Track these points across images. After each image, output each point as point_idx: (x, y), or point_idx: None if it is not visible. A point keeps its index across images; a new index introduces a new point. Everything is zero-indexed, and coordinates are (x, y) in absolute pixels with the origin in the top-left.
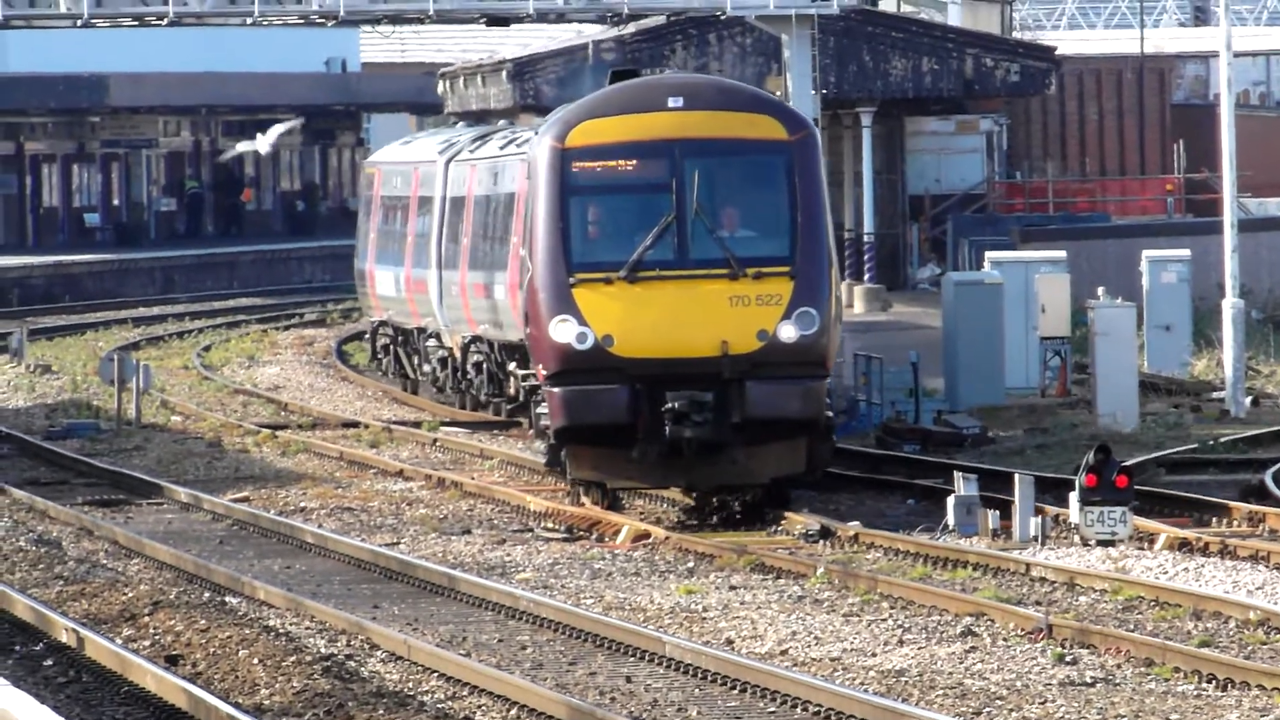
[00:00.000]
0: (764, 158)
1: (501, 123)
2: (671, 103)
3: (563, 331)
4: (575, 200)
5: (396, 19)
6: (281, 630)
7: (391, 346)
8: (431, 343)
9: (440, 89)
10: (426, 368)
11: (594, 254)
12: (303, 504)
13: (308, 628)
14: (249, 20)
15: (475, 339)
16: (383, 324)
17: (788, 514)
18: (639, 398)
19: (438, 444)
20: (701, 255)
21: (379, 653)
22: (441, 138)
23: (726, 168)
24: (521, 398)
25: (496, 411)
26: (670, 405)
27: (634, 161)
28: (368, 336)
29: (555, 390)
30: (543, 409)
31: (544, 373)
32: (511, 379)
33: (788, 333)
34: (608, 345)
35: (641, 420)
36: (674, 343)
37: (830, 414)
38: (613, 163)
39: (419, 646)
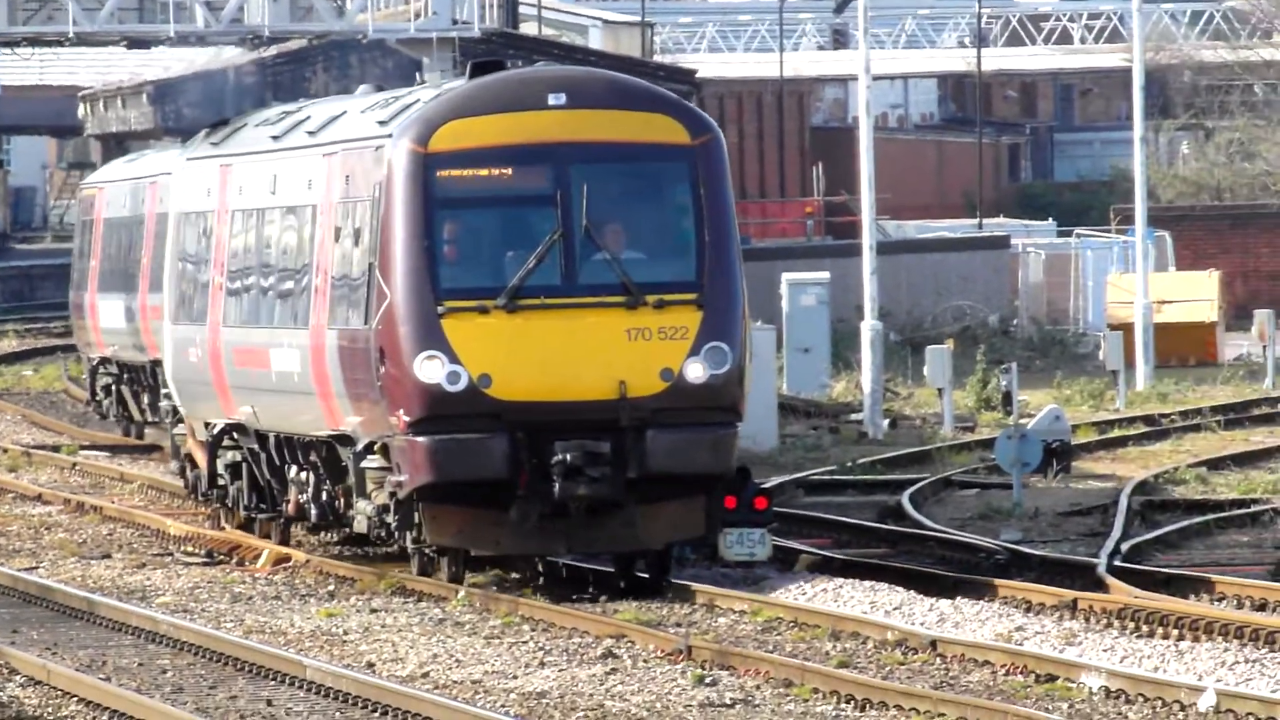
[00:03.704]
0: (663, 165)
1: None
2: (553, 99)
3: (430, 370)
4: (442, 215)
5: (36, 41)
6: None
7: (115, 387)
8: None
9: (81, 111)
10: (165, 403)
11: (466, 279)
12: None
13: None
14: None
15: None
16: (105, 361)
17: None
18: (520, 449)
19: (77, 468)
20: (593, 280)
21: (18, 677)
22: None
23: (620, 176)
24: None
25: None
26: (560, 457)
27: (510, 169)
28: (85, 376)
29: (420, 440)
30: (372, 463)
31: (404, 419)
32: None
33: (696, 372)
34: (484, 386)
35: (523, 475)
36: (562, 384)
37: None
38: (485, 170)
39: (59, 671)
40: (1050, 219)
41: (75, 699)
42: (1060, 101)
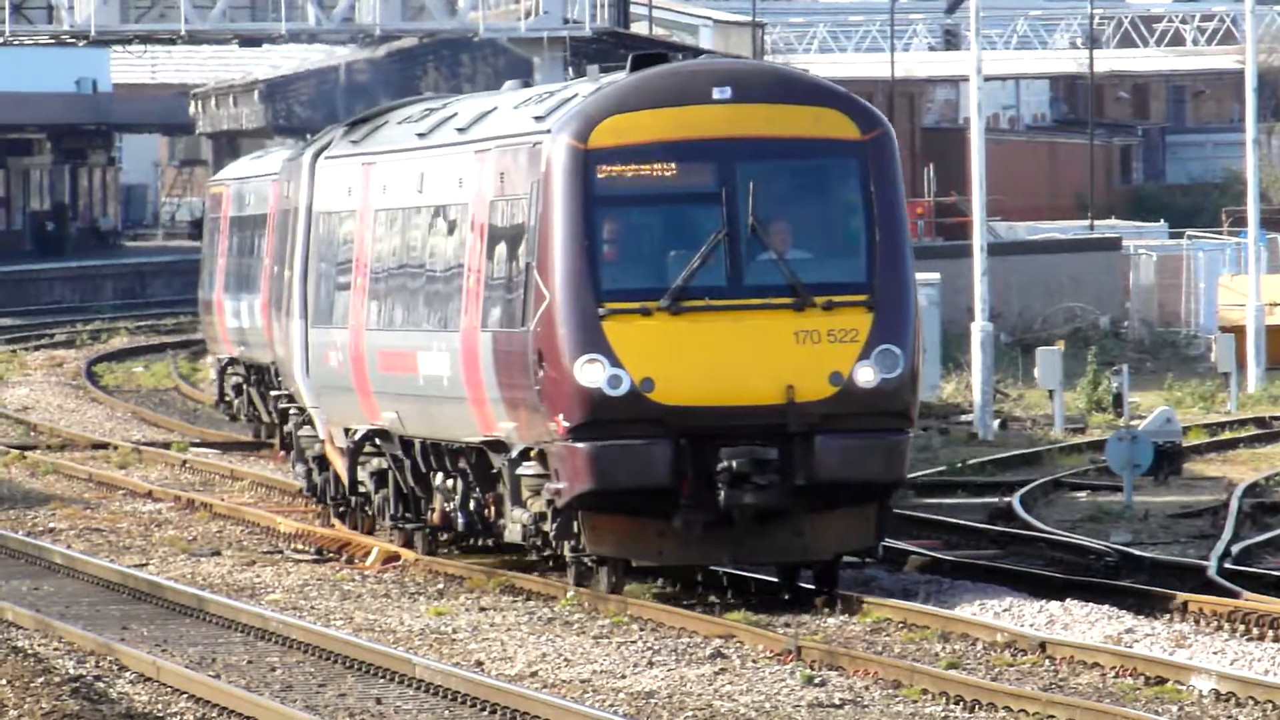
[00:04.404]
0: (833, 161)
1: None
2: (717, 94)
3: (591, 374)
4: (603, 213)
5: (148, 39)
6: (30, 651)
7: (244, 387)
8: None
9: (192, 109)
10: (283, 404)
11: (627, 279)
12: (51, 525)
13: (56, 649)
14: None
15: None
16: (232, 361)
17: None
18: (684, 455)
19: (187, 465)
20: (759, 281)
21: (128, 674)
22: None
23: (787, 174)
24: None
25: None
26: (726, 464)
27: (674, 165)
28: (214, 378)
29: (580, 446)
30: (528, 470)
31: (563, 424)
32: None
33: (866, 376)
34: (647, 391)
35: (686, 483)
36: (728, 388)
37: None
38: (647, 167)
39: (168, 668)
40: (1162, 221)
41: (185, 696)
42: (1172, 103)
